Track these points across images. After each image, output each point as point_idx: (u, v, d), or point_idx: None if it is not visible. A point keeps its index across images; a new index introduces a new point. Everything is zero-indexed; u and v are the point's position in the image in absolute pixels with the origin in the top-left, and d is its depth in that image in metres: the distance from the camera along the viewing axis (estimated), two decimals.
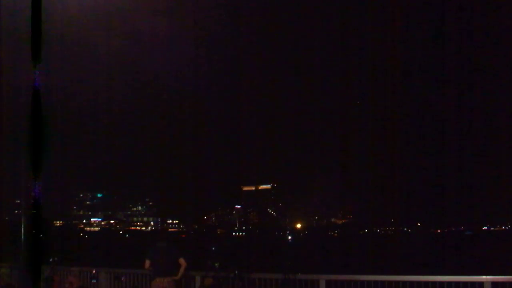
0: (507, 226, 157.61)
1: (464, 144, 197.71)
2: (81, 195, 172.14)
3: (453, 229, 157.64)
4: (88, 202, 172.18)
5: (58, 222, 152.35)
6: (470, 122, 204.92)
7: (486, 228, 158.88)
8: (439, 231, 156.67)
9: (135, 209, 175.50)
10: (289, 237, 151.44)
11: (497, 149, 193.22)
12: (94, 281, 12.60)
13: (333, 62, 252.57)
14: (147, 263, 10.68)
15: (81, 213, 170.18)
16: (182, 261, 10.62)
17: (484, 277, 10.15)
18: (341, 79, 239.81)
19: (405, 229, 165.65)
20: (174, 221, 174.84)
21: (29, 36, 4.02)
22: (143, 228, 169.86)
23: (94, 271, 12.89)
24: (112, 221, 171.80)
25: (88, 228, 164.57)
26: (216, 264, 11.30)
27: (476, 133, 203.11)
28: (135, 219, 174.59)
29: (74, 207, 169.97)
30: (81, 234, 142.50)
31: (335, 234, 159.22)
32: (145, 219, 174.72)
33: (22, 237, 10.50)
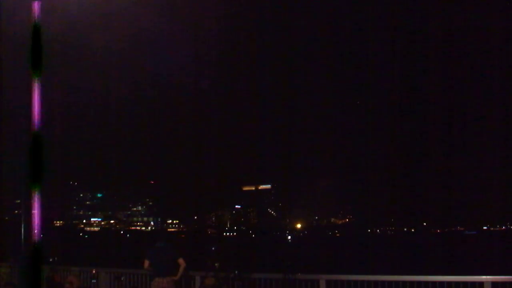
0: (507, 226, 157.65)
1: (465, 144, 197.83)
2: (81, 195, 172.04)
3: (453, 229, 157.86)
4: (88, 202, 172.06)
5: (58, 222, 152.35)
6: (471, 122, 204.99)
7: (486, 228, 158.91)
8: (438, 231, 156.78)
9: (135, 209, 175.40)
10: (289, 237, 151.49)
11: (497, 149, 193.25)
12: (94, 281, 12.61)
13: (334, 61, 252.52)
14: (146, 263, 10.69)
15: (81, 213, 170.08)
16: (181, 261, 10.62)
17: (484, 277, 10.15)
18: (341, 79, 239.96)
19: (405, 229, 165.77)
20: (174, 221, 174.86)
21: (29, 37, 4.02)
22: (143, 228, 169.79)
23: (94, 271, 12.90)
24: (112, 221, 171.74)
25: (88, 228, 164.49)
26: (216, 264, 11.30)
27: (476, 133, 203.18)
28: (135, 219, 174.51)
29: (74, 207, 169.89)
30: (81, 234, 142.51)
31: (337, 234, 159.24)
32: (145, 219, 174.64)
33: (22, 237, 10.51)
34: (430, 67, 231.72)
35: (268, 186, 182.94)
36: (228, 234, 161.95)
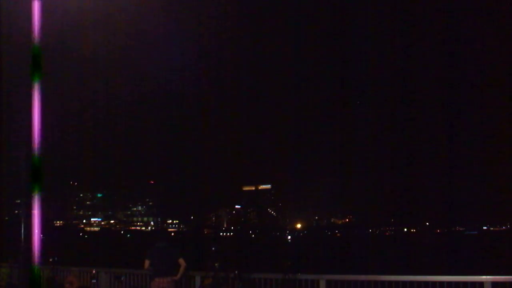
0: (507, 226, 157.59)
1: (465, 144, 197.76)
2: (81, 195, 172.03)
3: (452, 229, 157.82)
4: (88, 202, 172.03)
5: (58, 222, 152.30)
6: (471, 123, 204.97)
7: (486, 228, 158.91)
8: (438, 231, 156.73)
9: (135, 209, 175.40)
10: (289, 237, 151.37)
11: (497, 150, 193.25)
12: (94, 281, 12.60)
13: (333, 61, 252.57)
14: (147, 263, 10.68)
15: (81, 213, 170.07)
16: (181, 261, 10.62)
17: (484, 277, 10.14)
18: (341, 79, 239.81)
19: (405, 229, 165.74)
20: (174, 221, 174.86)
21: (29, 37, 4.02)
22: (143, 228, 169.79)
23: (94, 271, 12.89)
24: (112, 221, 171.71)
25: (88, 228, 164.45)
26: (216, 264, 11.28)
27: (477, 133, 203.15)
28: (135, 219, 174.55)
29: (74, 207, 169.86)
30: (81, 234, 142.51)
31: (337, 234, 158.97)
32: (145, 219, 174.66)
33: (22, 237, 10.51)
34: (431, 66, 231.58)
35: (268, 186, 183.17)
36: (225, 234, 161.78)
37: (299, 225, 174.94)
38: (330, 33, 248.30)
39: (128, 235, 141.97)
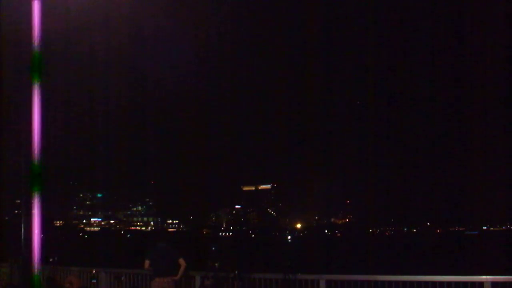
0: (507, 226, 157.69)
1: (464, 144, 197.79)
2: (81, 195, 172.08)
3: (451, 229, 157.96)
4: (88, 202, 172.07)
5: (58, 222, 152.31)
6: (471, 123, 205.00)
7: (486, 228, 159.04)
8: (439, 231, 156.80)
9: (135, 209, 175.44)
10: (289, 237, 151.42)
11: (497, 149, 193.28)
12: (94, 281, 12.60)
13: (334, 62, 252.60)
14: (147, 263, 10.69)
15: (81, 213, 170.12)
16: (181, 261, 10.63)
17: (484, 277, 10.13)
18: (341, 79, 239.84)
19: (405, 229, 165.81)
20: (174, 221, 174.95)
21: (29, 38, 4.02)
22: (143, 228, 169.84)
23: (94, 271, 12.89)
24: (112, 221, 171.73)
25: (88, 228, 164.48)
26: (216, 264, 11.29)
27: (477, 134, 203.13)
28: (135, 219, 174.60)
29: (74, 207, 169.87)
30: (81, 234, 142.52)
31: (338, 234, 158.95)
32: (145, 219, 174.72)
33: (22, 237, 10.51)
34: (431, 66, 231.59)
35: (268, 186, 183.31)
36: (224, 234, 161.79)
37: (299, 225, 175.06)
38: (330, 32, 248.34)
39: (128, 235, 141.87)
